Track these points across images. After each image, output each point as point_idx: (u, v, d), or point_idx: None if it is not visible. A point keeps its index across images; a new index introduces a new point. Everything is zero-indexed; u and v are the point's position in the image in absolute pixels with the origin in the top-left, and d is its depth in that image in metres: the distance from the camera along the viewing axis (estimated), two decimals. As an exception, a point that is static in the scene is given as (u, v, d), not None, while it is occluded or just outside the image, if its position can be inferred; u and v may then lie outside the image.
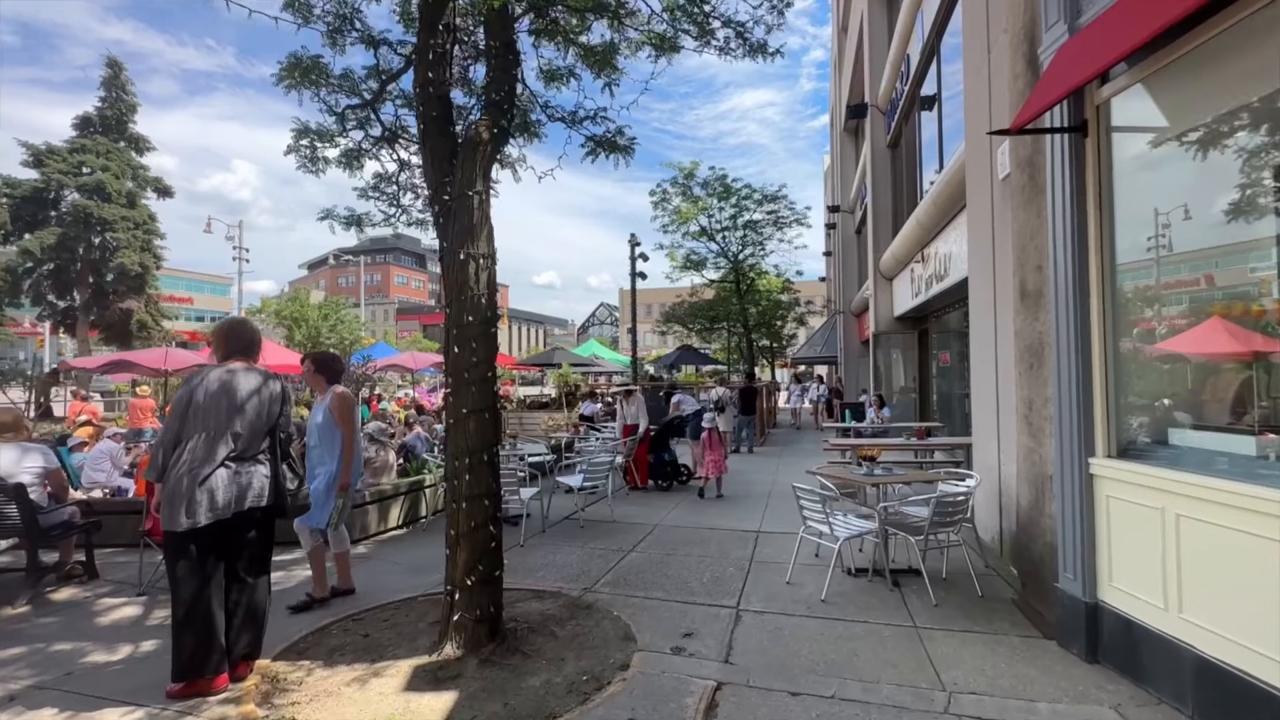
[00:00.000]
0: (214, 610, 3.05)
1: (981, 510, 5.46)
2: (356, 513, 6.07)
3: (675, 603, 4.40)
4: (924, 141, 11.21)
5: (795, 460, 11.92)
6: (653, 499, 8.26)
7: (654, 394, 16.85)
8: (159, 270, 23.97)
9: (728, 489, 8.89)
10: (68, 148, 20.16)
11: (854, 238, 22.64)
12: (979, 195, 5.66)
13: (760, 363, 34.58)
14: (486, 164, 3.74)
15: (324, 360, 4.59)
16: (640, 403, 9.59)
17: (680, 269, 23.02)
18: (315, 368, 4.50)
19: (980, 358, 5.73)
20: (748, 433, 13.68)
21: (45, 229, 19.49)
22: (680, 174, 22.44)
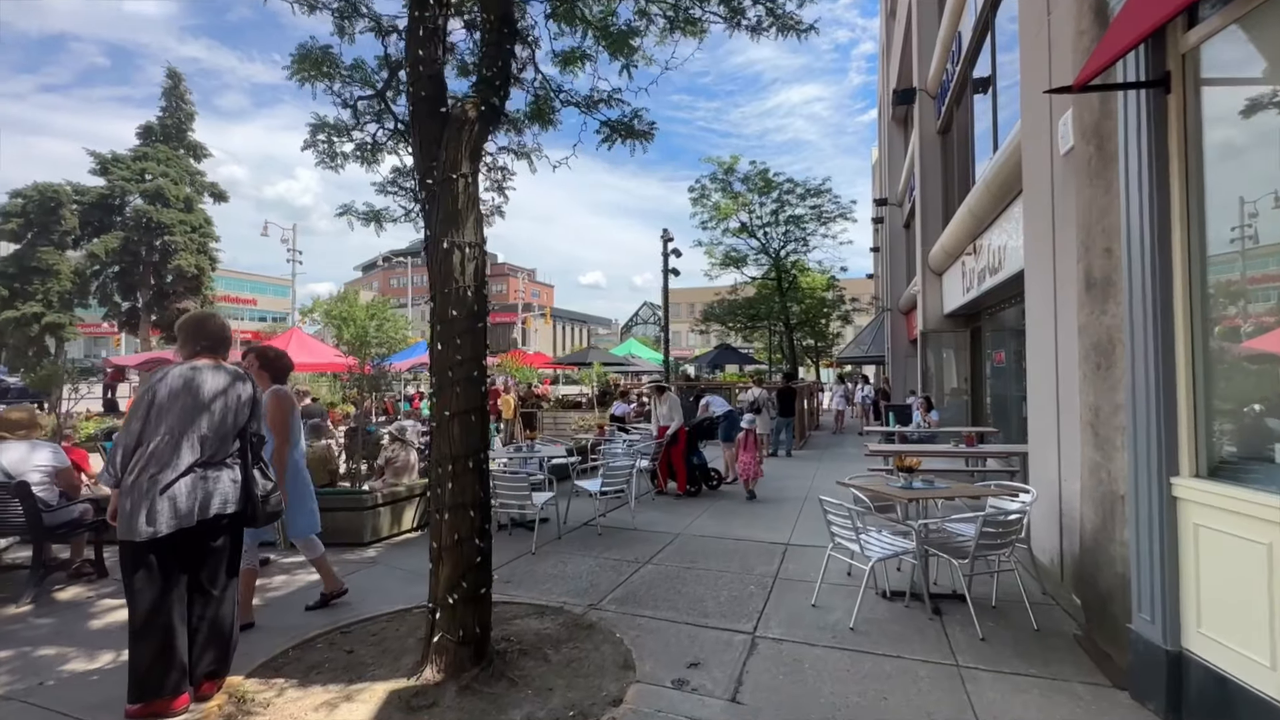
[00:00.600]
0: (175, 625, 2.85)
1: (1039, 529, 4.85)
2: (367, 515, 5.91)
3: (686, 625, 4.01)
4: (976, 125, 10.43)
5: (834, 465, 11.30)
6: (679, 505, 7.87)
7: (687, 394, 16.43)
8: (216, 272, 24.94)
9: (760, 496, 8.42)
10: (131, 156, 21.27)
11: (902, 232, 21.64)
12: (1037, 176, 5.05)
13: (804, 362, 33.65)
14: (474, 144, 3.43)
15: (268, 357, 4.25)
16: (673, 402, 9.16)
17: (719, 266, 22.49)
18: (260, 364, 4.14)
19: (1037, 357, 5.12)
20: (786, 435, 13.11)
21: (110, 234, 20.59)
22: (720, 169, 21.93)
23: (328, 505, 5.92)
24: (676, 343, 68.33)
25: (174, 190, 20.96)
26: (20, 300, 19.37)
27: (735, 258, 22.59)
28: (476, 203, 3.45)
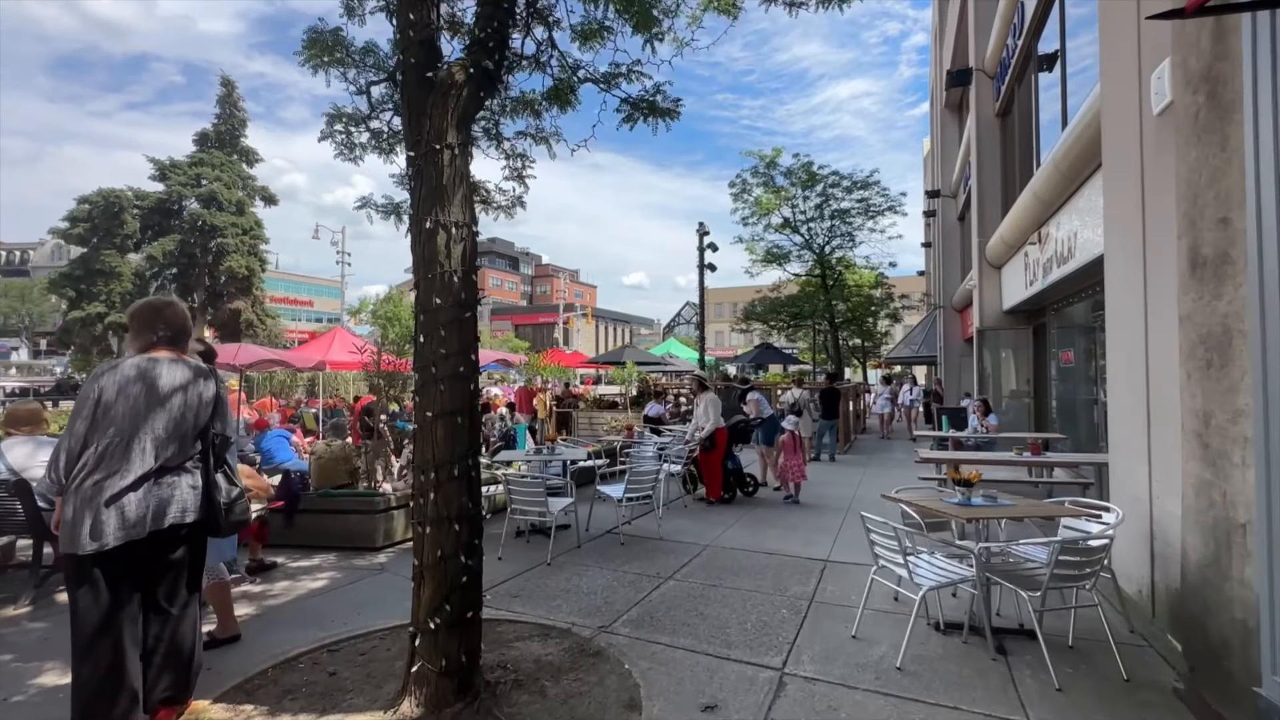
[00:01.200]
0: (124, 647, 2.56)
1: (1124, 554, 4.17)
2: (379, 518, 5.65)
3: (705, 655, 3.54)
4: (1041, 103, 9.54)
5: (881, 472, 10.57)
6: (710, 513, 7.37)
7: (727, 393, 15.86)
8: (268, 273, 25.72)
9: (799, 504, 7.86)
10: (188, 162, 22.21)
11: (955, 225, 20.48)
12: (1122, 143, 4.36)
13: (851, 363, 32.45)
14: (463, 112, 3.06)
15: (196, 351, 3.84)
16: (710, 400, 8.47)
17: (761, 262, 21.78)
18: None
19: (1122, 354, 4.43)
20: (829, 439, 12.41)
21: (167, 236, 21.51)
22: (761, 162, 21.24)
23: (338, 508, 5.71)
24: (719, 343, 67.54)
25: (226, 194, 21.77)
26: (86, 301, 20.48)
27: (777, 254, 21.83)
28: (465, 178, 3.08)
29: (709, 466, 7.94)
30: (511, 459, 6.95)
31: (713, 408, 8.14)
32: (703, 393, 8.49)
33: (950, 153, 20.70)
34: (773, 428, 8.94)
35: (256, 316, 23.67)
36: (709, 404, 8.20)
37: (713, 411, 8.11)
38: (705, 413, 8.17)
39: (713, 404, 8.19)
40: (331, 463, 6.58)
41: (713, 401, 8.24)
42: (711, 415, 8.06)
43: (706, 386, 8.85)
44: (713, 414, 8.08)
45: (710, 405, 8.16)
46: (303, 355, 17.15)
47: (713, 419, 8.03)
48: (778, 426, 8.77)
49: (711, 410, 8.11)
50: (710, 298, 77.14)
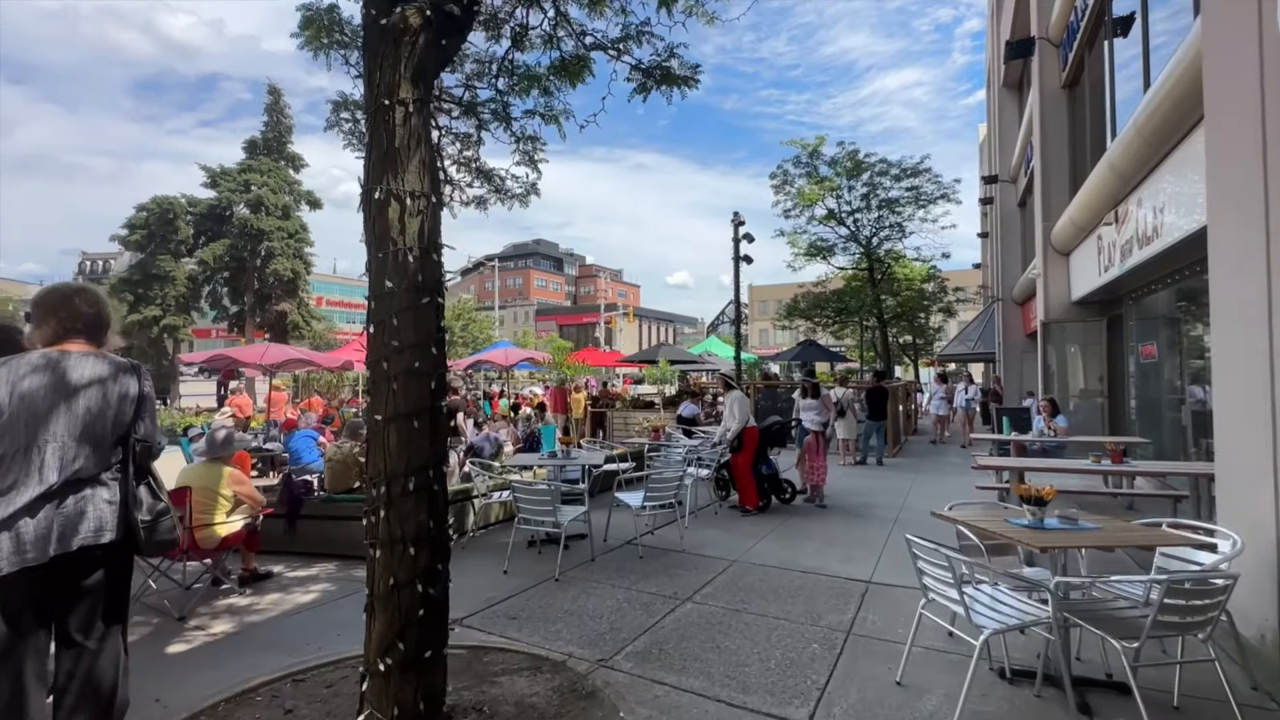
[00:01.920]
0: (25, 686, 2.21)
1: (1243, 589, 3.40)
2: (380, 526, 5.31)
3: (715, 702, 3.00)
4: (1116, 68, 8.53)
5: (934, 479, 9.72)
6: (741, 523, 6.78)
7: (769, 394, 15.13)
8: (326, 278, 26.38)
9: (839, 513, 7.19)
10: (238, 169, 22.97)
11: (1015, 212, 19.12)
12: (1232, 85, 3.58)
13: (901, 361, 31.02)
14: (419, 63, 2.61)
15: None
16: (737, 399, 7.82)
17: (803, 256, 20.87)
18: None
19: (1232, 344, 3.65)
20: (877, 441, 11.58)
21: (218, 241, 22.27)
22: (803, 151, 20.35)
23: (341, 514, 5.40)
24: (764, 341, 66.24)
25: (273, 199, 22.38)
26: (143, 305, 21.40)
27: (821, 247, 20.89)
28: (424, 141, 2.63)
29: (740, 471, 7.34)
30: (529, 463, 6.55)
31: (739, 406, 7.52)
32: (729, 391, 7.93)
33: (1009, 135, 19.36)
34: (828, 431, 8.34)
35: (302, 318, 24.27)
36: (736, 403, 7.56)
37: (739, 410, 7.49)
38: (732, 412, 7.57)
39: (739, 402, 7.58)
40: (342, 466, 6.32)
41: (739, 400, 7.63)
42: (738, 415, 7.45)
43: (733, 385, 8.25)
44: (739, 413, 7.47)
45: (737, 404, 7.54)
46: (333, 355, 17.36)
47: (739, 419, 7.43)
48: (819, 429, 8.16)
49: (738, 409, 7.50)
50: (754, 295, 75.94)
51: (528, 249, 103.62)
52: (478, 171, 6.49)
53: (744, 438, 7.36)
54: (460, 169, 6.54)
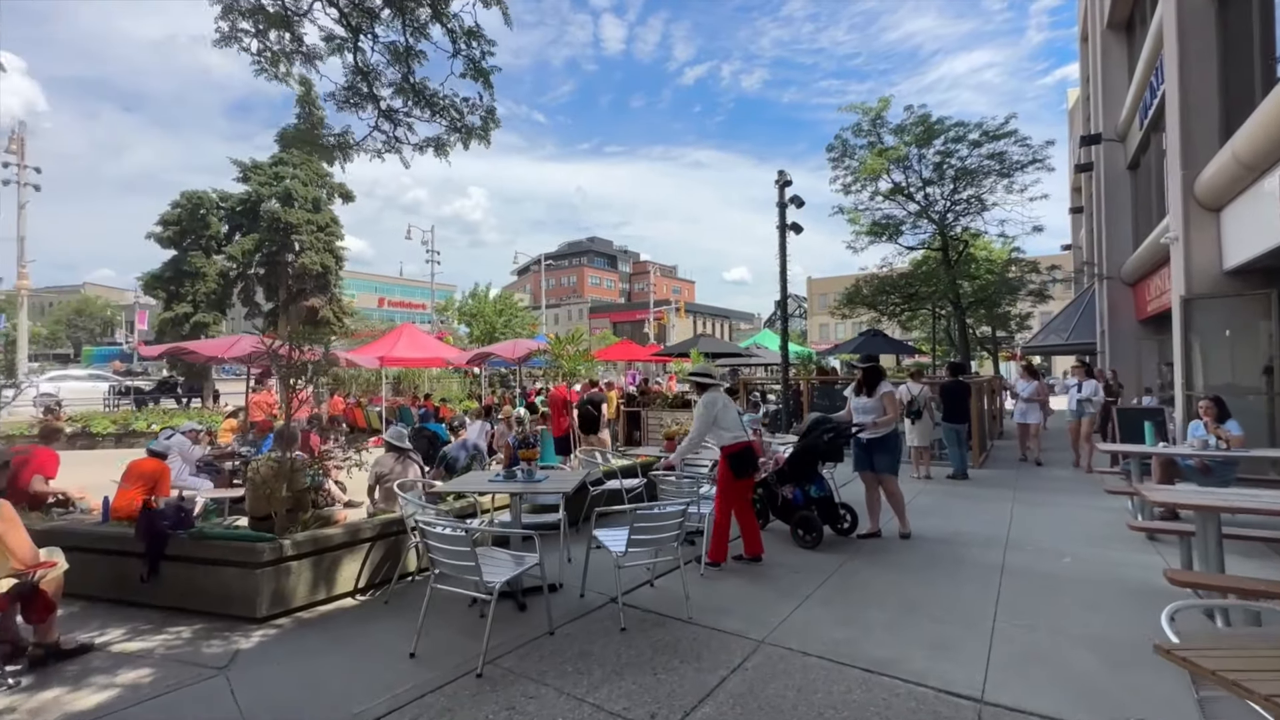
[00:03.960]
0: None
1: None
2: (264, 575, 3.83)
3: None
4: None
5: (1040, 499, 7.55)
6: (781, 568, 4.97)
7: (825, 391, 13.06)
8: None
9: (918, 553, 5.27)
10: (270, 162, 22.64)
11: (1124, 176, 16.21)
12: None
13: (977, 354, 27.92)
14: None
15: None
16: (705, 404, 5.06)
17: (865, 235, 18.50)
18: None
19: None
20: (959, 449, 9.43)
21: (247, 236, 21.93)
22: (865, 117, 17.98)
23: (208, 555, 3.95)
24: (824, 335, 63.02)
25: (302, 191, 21.85)
26: (175, 302, 21.30)
27: (886, 225, 18.46)
28: None
29: (719, 508, 5.01)
30: (471, 487, 4.82)
31: (708, 412, 4.99)
32: (704, 392, 5.25)
33: (1116, 85, 16.44)
34: (895, 446, 6.05)
35: (334, 314, 23.76)
36: (704, 408, 5.03)
37: (707, 417, 4.97)
38: (711, 419, 4.99)
39: (709, 407, 5.00)
40: (263, 486, 4.92)
41: (709, 405, 5.01)
42: (700, 425, 5.01)
43: (709, 384, 5.31)
44: (704, 422, 4.98)
45: (704, 409, 5.02)
46: (360, 354, 16.47)
47: (700, 430, 5.00)
48: (895, 449, 6.04)
49: (706, 417, 4.98)
50: (813, 289, 72.54)
51: (581, 247, 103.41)
52: (419, 97, 4.94)
53: (731, 459, 4.97)
54: (401, 97, 5.03)
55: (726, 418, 4.95)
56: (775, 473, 5.98)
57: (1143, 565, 4.93)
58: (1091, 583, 4.56)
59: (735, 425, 4.95)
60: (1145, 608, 4.04)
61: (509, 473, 4.30)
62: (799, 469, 5.83)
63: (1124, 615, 3.93)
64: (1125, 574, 4.74)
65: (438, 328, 32.71)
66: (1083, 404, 10.06)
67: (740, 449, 4.91)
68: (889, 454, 5.91)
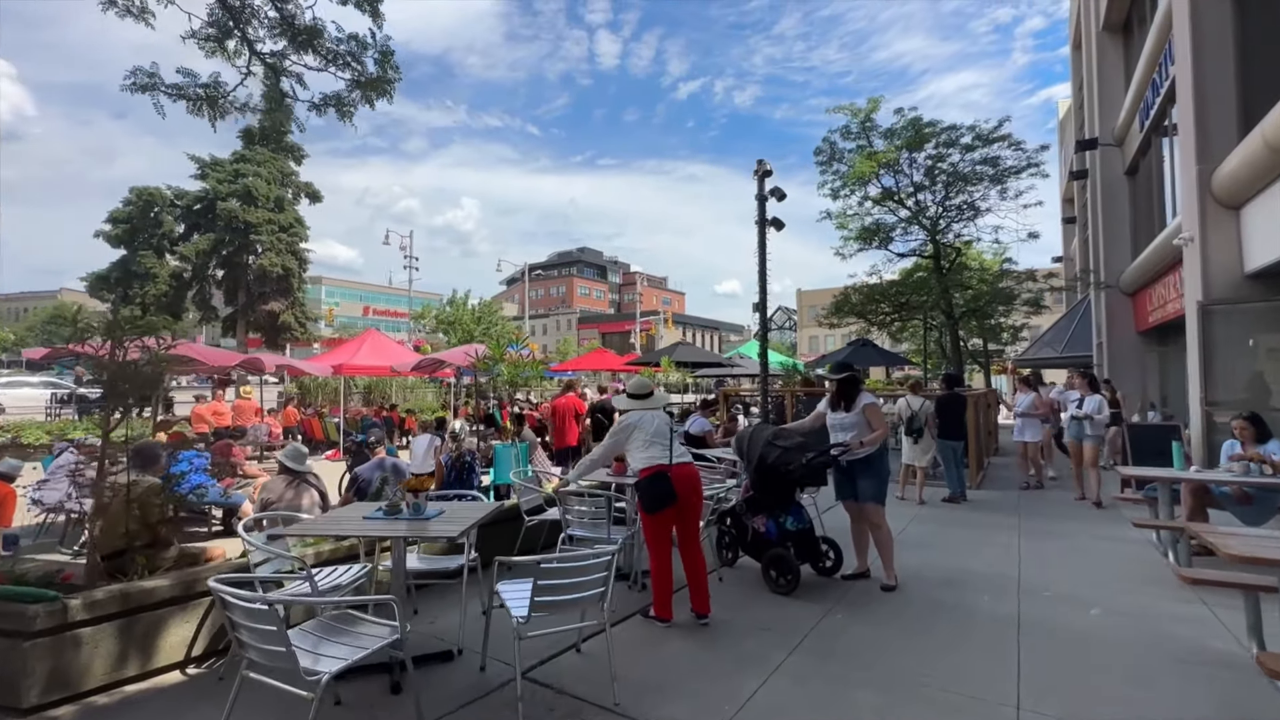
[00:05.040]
0: None
1: None
2: (35, 648, 2.82)
3: None
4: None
5: (1049, 526, 6.65)
6: (742, 625, 4.02)
7: (812, 403, 12.17)
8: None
9: (912, 601, 4.33)
10: (231, 158, 21.54)
11: (1122, 182, 15.58)
12: None
13: (970, 367, 27.21)
14: None
15: None
16: (628, 430, 4.06)
17: (854, 240, 17.75)
18: None
19: None
20: (956, 469, 8.54)
21: (202, 236, 20.75)
22: (853, 119, 17.28)
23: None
24: (814, 347, 62.39)
25: (263, 189, 20.72)
26: (123, 305, 20.06)
27: (875, 230, 17.71)
28: None
29: (651, 550, 3.96)
30: (326, 529, 3.74)
31: (613, 437, 4.12)
32: (624, 406, 4.34)
33: (1112, 88, 15.88)
34: (882, 469, 4.91)
35: (295, 319, 22.52)
36: (616, 432, 4.12)
37: (609, 442, 4.13)
38: (602, 443, 4.24)
39: (621, 431, 4.08)
40: (115, 517, 3.91)
41: (624, 429, 4.07)
42: (600, 449, 4.20)
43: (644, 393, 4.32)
44: (603, 449, 4.16)
45: (615, 433, 4.13)
46: (318, 361, 15.47)
47: (597, 454, 4.20)
48: (884, 468, 5.02)
49: (609, 439, 4.14)
50: (803, 300, 72.07)
51: (571, 257, 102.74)
52: (295, 33, 4.02)
53: (638, 488, 3.93)
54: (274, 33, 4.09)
55: (637, 440, 3.99)
56: (745, 500, 5.05)
57: (1190, 621, 4.02)
58: (1131, 646, 3.65)
59: (651, 447, 3.95)
60: (1208, 684, 3.14)
61: (390, 507, 3.32)
62: (772, 496, 4.89)
63: (1183, 694, 3.03)
64: (1171, 632, 3.84)
65: (414, 335, 31.60)
66: (1082, 423, 8.31)
67: (649, 475, 3.86)
68: (874, 479, 4.85)
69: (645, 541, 4.05)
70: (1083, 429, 8.33)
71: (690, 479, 3.96)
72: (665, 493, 3.77)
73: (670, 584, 3.93)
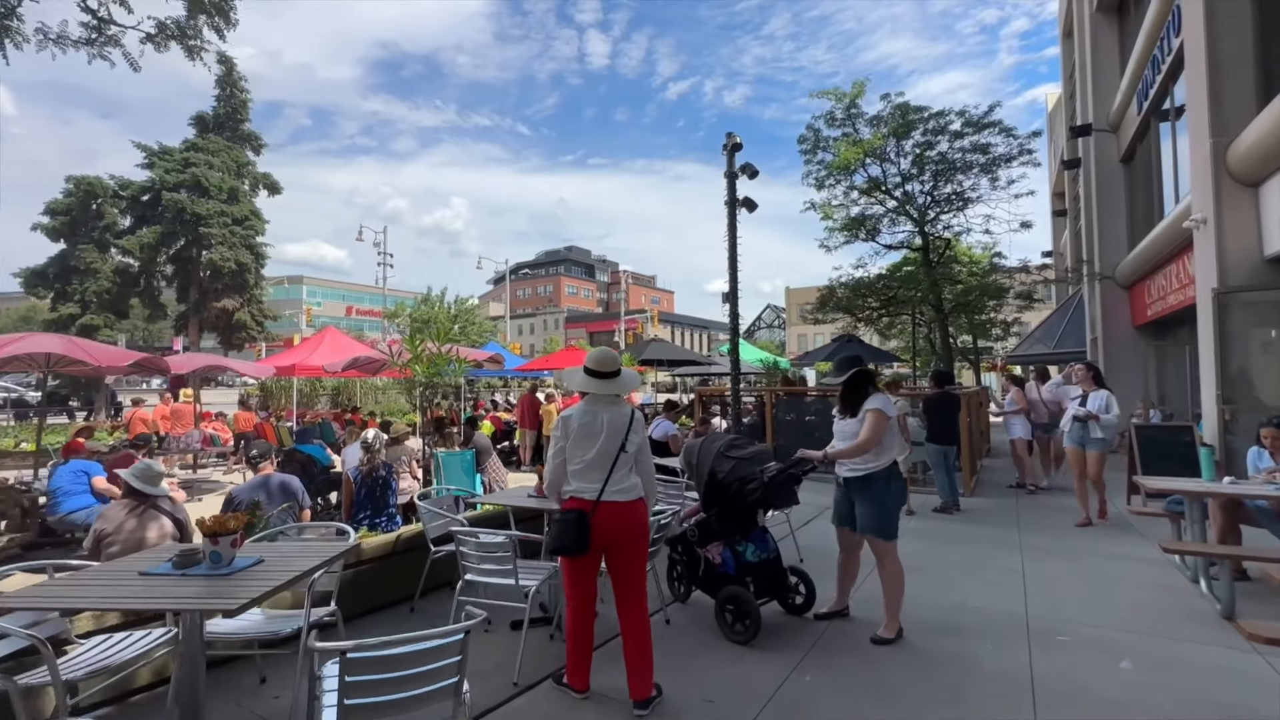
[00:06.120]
0: None
1: None
2: None
3: None
4: None
5: (1054, 544, 5.82)
6: (680, 695, 3.15)
7: (792, 404, 11.33)
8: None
9: (905, 643, 3.46)
10: (181, 147, 20.26)
11: (1118, 170, 14.89)
12: None
13: (960, 365, 26.55)
14: None
15: None
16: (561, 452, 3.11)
17: (839, 231, 16.94)
18: None
19: None
20: (945, 475, 7.72)
21: (148, 229, 19.48)
22: (838, 104, 16.49)
23: None
24: (802, 347, 61.76)
25: (214, 179, 19.43)
26: (61, 301, 18.80)
27: (861, 220, 16.91)
28: None
29: (569, 593, 3.11)
30: (66, 601, 2.95)
31: (556, 459, 3.13)
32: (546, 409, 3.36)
33: (1106, 74, 15.18)
34: (887, 493, 3.85)
35: (251, 317, 21.28)
36: (556, 453, 3.14)
37: (550, 467, 3.17)
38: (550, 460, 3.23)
39: (558, 454, 3.12)
40: None
41: (558, 448, 3.13)
42: (548, 478, 3.20)
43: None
44: (548, 476, 3.18)
45: (555, 454, 3.14)
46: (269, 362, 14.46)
47: (547, 481, 3.19)
48: (889, 492, 3.90)
49: (554, 464, 3.13)
50: (791, 299, 71.30)
51: (559, 255, 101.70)
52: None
53: (564, 528, 2.95)
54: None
55: (574, 458, 3.06)
56: (696, 525, 4.17)
57: (1245, 679, 3.20)
58: (1178, 717, 2.82)
59: (584, 474, 3.01)
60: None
61: (182, 558, 2.42)
62: (727, 520, 4.02)
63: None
64: (1223, 697, 3.01)
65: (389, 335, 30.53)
66: (1086, 425, 6.72)
67: (566, 511, 2.97)
68: (872, 504, 3.79)
69: (565, 584, 3.15)
70: (1086, 432, 6.77)
71: (623, 523, 2.99)
72: (571, 543, 2.86)
73: (588, 644, 3.05)
